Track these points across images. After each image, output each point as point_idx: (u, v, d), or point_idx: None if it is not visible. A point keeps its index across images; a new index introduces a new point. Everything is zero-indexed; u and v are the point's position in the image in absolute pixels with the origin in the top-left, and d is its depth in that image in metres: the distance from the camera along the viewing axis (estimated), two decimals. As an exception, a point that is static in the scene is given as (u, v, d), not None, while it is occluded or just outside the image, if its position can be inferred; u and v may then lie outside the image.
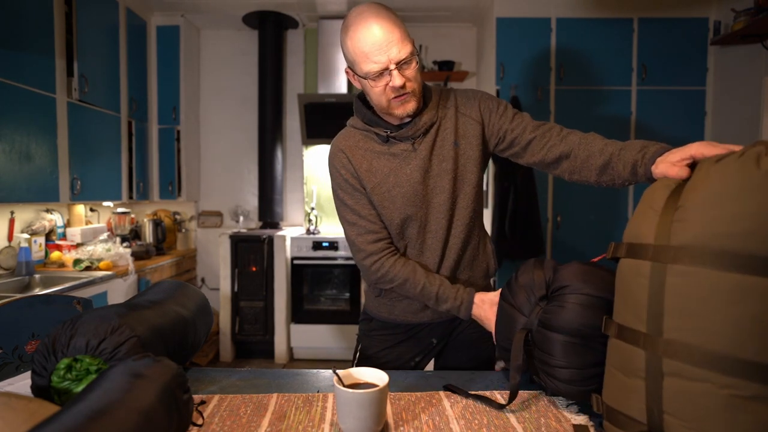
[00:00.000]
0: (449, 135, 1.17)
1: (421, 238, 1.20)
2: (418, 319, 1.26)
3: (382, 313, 1.29)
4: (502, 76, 3.33)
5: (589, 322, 0.87)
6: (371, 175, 1.16)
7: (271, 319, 3.71)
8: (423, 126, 1.14)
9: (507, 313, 1.01)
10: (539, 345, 0.92)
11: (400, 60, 1.04)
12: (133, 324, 0.86)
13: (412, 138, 1.15)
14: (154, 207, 4.10)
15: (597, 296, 0.89)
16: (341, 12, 3.86)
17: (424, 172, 1.15)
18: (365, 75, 1.06)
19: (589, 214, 3.39)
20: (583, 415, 0.87)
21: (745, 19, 2.76)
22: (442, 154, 1.16)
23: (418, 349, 1.30)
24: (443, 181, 1.16)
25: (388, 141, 1.15)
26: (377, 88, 1.07)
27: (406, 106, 1.09)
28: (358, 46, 1.04)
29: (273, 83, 3.97)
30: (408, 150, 1.15)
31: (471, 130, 1.18)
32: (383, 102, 1.09)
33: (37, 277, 2.65)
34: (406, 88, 1.06)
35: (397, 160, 1.15)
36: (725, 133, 3.20)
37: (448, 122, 1.18)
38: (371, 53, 1.03)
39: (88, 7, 2.91)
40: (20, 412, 0.61)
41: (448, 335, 1.31)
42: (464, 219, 1.19)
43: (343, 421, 0.79)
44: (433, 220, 1.18)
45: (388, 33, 1.03)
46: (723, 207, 0.64)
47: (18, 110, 2.41)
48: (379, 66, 1.03)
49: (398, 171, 1.15)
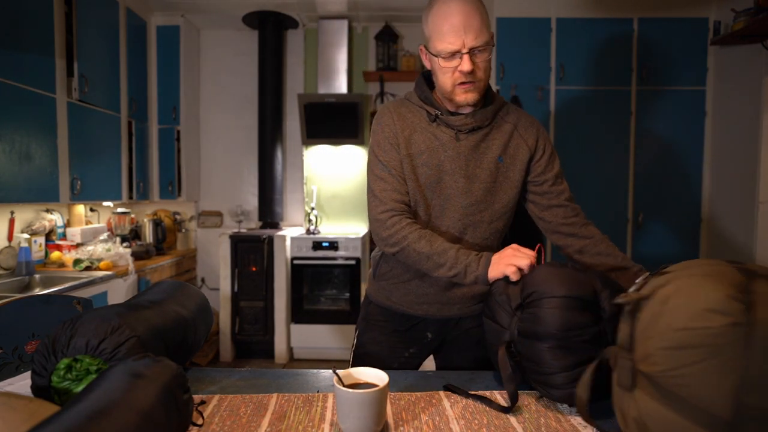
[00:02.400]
0: (496, 147, 1.17)
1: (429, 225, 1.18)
2: (414, 311, 1.25)
3: (380, 297, 1.29)
4: (502, 76, 3.33)
5: (567, 324, 0.88)
6: (408, 144, 1.16)
7: (271, 319, 3.71)
8: (472, 123, 1.15)
9: (491, 330, 1.02)
10: (526, 355, 0.93)
11: (474, 46, 1.05)
12: (133, 324, 0.86)
13: (458, 128, 1.14)
14: (154, 207, 4.10)
15: (569, 297, 0.89)
16: (341, 12, 3.86)
17: (456, 167, 1.14)
18: (438, 53, 1.08)
19: (589, 214, 3.38)
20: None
21: (745, 19, 2.76)
22: (482, 161, 1.16)
23: (412, 341, 1.29)
24: (473, 186, 1.15)
25: (435, 121, 1.16)
26: (446, 69, 1.09)
27: (468, 94, 1.10)
28: (437, 23, 1.06)
29: (273, 83, 3.97)
30: (450, 138, 1.15)
31: (521, 154, 1.19)
32: (448, 85, 1.11)
33: (37, 277, 2.65)
34: (474, 75, 1.08)
35: (437, 142, 1.15)
36: (725, 133, 3.20)
37: (500, 135, 1.18)
38: (448, 33, 1.05)
39: (88, 7, 2.91)
40: (20, 412, 0.61)
41: (445, 333, 1.30)
42: (484, 233, 1.18)
43: (343, 421, 0.79)
44: (446, 217, 1.17)
45: (468, 17, 1.04)
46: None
47: (18, 110, 2.40)
48: (453, 47, 1.05)
49: (432, 153, 1.15)
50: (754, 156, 2.89)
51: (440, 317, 1.26)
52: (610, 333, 0.90)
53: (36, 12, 2.53)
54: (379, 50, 3.99)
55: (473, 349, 1.29)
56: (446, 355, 1.33)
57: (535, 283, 0.94)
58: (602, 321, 0.91)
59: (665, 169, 3.36)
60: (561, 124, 3.35)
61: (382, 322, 1.30)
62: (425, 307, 1.24)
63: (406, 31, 4.12)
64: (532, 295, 0.93)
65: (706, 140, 3.35)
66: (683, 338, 0.65)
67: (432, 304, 1.23)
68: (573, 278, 0.92)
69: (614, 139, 3.37)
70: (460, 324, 1.28)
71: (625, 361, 0.73)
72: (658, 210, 3.38)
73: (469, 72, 1.07)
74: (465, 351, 1.30)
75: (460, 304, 1.25)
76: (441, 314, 1.25)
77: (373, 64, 4.13)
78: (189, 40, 3.96)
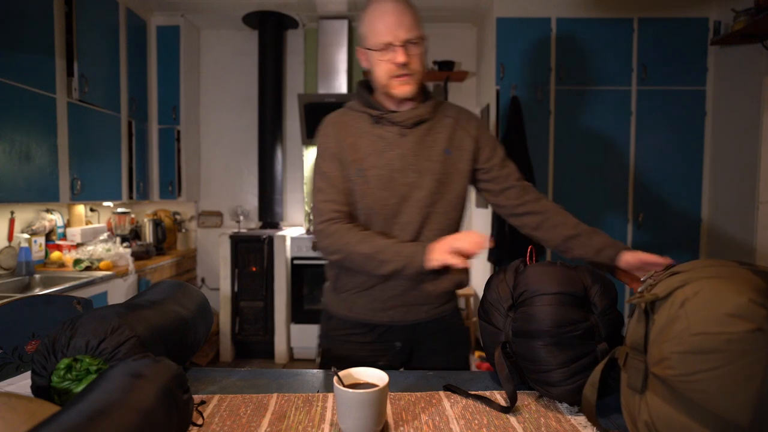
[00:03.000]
0: (442, 140, 1.20)
1: (387, 228, 1.18)
2: (378, 318, 1.21)
3: (342, 310, 1.24)
4: (502, 76, 3.33)
5: (560, 320, 0.89)
6: (354, 150, 1.17)
7: (271, 319, 3.71)
8: (414, 117, 1.18)
9: (488, 332, 1.02)
10: (522, 354, 0.94)
11: (407, 39, 1.11)
12: (133, 324, 0.86)
13: (401, 125, 1.18)
14: (154, 207, 4.10)
15: (561, 293, 0.91)
16: (341, 12, 3.86)
17: (406, 163, 1.17)
18: (373, 46, 1.13)
19: (588, 215, 3.39)
20: (583, 416, 0.87)
21: (745, 19, 2.76)
22: (431, 154, 1.19)
23: (381, 353, 1.24)
24: (425, 179, 1.17)
25: (378, 122, 1.18)
26: (382, 62, 1.13)
27: (405, 87, 1.14)
28: (372, 21, 1.13)
29: (273, 83, 3.97)
30: (395, 136, 1.18)
31: (466, 144, 1.23)
32: (384, 78, 1.14)
33: (37, 277, 2.65)
34: (408, 67, 1.12)
35: (383, 143, 1.18)
36: (725, 133, 3.20)
37: (444, 128, 1.22)
38: (382, 28, 1.11)
39: (88, 7, 2.91)
40: (20, 412, 0.61)
41: (414, 340, 1.26)
42: (441, 224, 1.20)
43: (343, 421, 0.79)
44: (406, 213, 1.18)
45: (401, 14, 1.11)
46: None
47: (18, 110, 2.41)
48: (387, 38, 1.11)
49: (380, 153, 1.17)
50: (754, 156, 2.89)
51: (407, 323, 1.22)
52: (603, 328, 0.91)
53: (36, 12, 2.53)
54: (379, 50, 3.99)
55: (443, 353, 1.26)
56: (417, 364, 1.28)
57: (526, 282, 0.95)
58: (593, 316, 0.91)
59: (665, 169, 3.36)
60: (561, 124, 3.35)
61: (346, 336, 1.25)
62: (391, 313, 1.21)
63: (406, 31, 4.12)
64: (524, 294, 0.94)
65: (706, 140, 3.35)
66: (702, 343, 0.63)
67: (398, 308, 1.20)
68: (563, 275, 0.93)
69: (614, 139, 3.37)
70: (428, 328, 1.25)
71: (637, 363, 0.72)
72: (658, 210, 3.38)
73: (404, 64, 1.11)
74: (435, 357, 1.26)
75: (427, 305, 1.22)
76: (408, 319, 1.22)
77: (373, 64, 4.13)
78: (189, 40, 3.96)
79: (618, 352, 0.78)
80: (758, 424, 0.61)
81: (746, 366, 0.61)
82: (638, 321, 0.74)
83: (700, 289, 0.67)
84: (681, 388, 0.65)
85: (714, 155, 3.30)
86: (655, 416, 0.68)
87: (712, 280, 0.68)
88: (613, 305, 0.94)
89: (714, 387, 0.63)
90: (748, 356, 0.61)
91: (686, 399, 0.65)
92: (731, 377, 0.62)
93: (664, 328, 0.69)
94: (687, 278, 0.70)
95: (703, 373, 0.63)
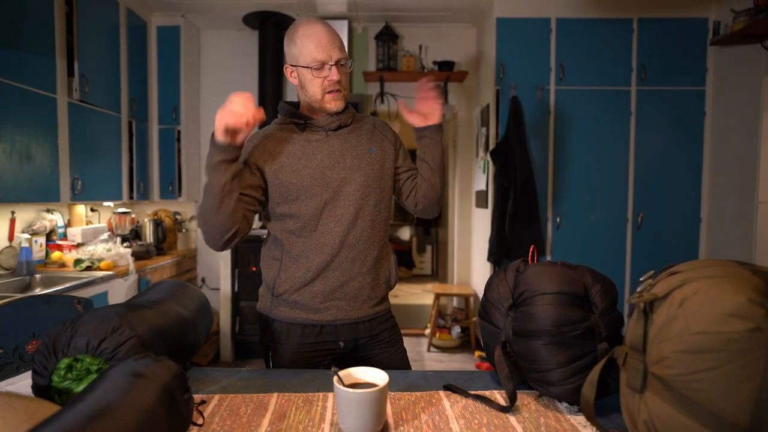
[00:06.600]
0: (365, 141, 1.33)
1: (325, 216, 1.25)
2: (321, 317, 1.26)
3: (282, 313, 1.28)
4: (502, 76, 3.33)
5: (560, 320, 0.89)
6: (282, 156, 1.26)
7: (272, 319, 3.71)
8: (336, 120, 1.29)
9: (488, 332, 1.03)
10: (522, 354, 0.94)
11: (339, 59, 1.23)
12: (133, 324, 0.86)
13: (326, 128, 1.29)
14: (154, 207, 4.10)
15: (561, 293, 0.91)
16: (341, 12, 3.86)
17: (335, 162, 1.27)
18: (308, 65, 1.22)
19: (589, 214, 3.39)
20: (583, 415, 0.88)
21: (745, 20, 2.77)
22: (357, 153, 1.30)
23: (326, 352, 1.29)
24: (356, 175, 1.27)
25: (305, 129, 1.29)
26: (317, 80, 1.23)
27: (337, 101, 1.26)
28: (305, 42, 1.22)
29: (273, 83, 3.97)
30: (322, 137, 1.29)
31: (387, 146, 1.36)
32: (319, 94, 1.25)
33: (38, 277, 2.65)
34: (340, 84, 1.25)
35: (312, 145, 1.28)
36: (725, 133, 3.20)
37: (365, 131, 1.34)
38: (316, 48, 1.21)
39: (88, 8, 2.91)
40: (21, 411, 0.61)
41: (357, 340, 1.31)
42: (372, 216, 1.29)
43: (343, 421, 0.79)
44: (341, 205, 1.26)
45: (332, 36, 1.23)
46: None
47: (18, 110, 2.41)
48: (322, 57, 1.21)
49: (311, 155, 1.27)
50: (753, 156, 2.89)
51: (349, 320, 1.28)
52: (603, 328, 0.91)
53: (36, 12, 2.53)
54: (379, 50, 4.00)
55: (384, 347, 1.33)
56: (362, 363, 1.28)
57: (527, 281, 0.96)
58: (593, 316, 0.91)
59: (665, 169, 3.36)
60: (561, 124, 3.35)
61: (289, 339, 1.29)
62: (333, 312, 1.26)
63: (406, 31, 4.13)
64: (524, 294, 0.95)
65: (706, 140, 3.35)
66: (701, 342, 0.63)
67: (339, 300, 1.26)
68: (564, 275, 0.94)
69: (614, 139, 3.37)
70: (370, 327, 1.31)
71: (636, 363, 0.72)
72: (658, 210, 3.38)
73: (338, 81, 1.23)
74: (378, 357, 1.32)
75: (367, 300, 1.29)
76: (350, 317, 1.27)
77: (373, 64, 4.14)
78: (189, 40, 3.97)
79: (617, 351, 0.78)
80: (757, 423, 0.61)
81: (745, 365, 0.61)
82: (637, 321, 0.74)
83: (699, 288, 0.67)
84: (680, 387, 0.65)
85: (713, 155, 3.30)
86: (654, 416, 0.68)
87: (711, 279, 0.68)
88: (614, 305, 0.94)
89: (713, 386, 0.63)
90: (747, 355, 0.61)
91: (685, 398, 0.65)
92: (730, 376, 0.62)
93: (663, 328, 0.69)
94: (686, 278, 0.70)
95: (702, 372, 0.63)
